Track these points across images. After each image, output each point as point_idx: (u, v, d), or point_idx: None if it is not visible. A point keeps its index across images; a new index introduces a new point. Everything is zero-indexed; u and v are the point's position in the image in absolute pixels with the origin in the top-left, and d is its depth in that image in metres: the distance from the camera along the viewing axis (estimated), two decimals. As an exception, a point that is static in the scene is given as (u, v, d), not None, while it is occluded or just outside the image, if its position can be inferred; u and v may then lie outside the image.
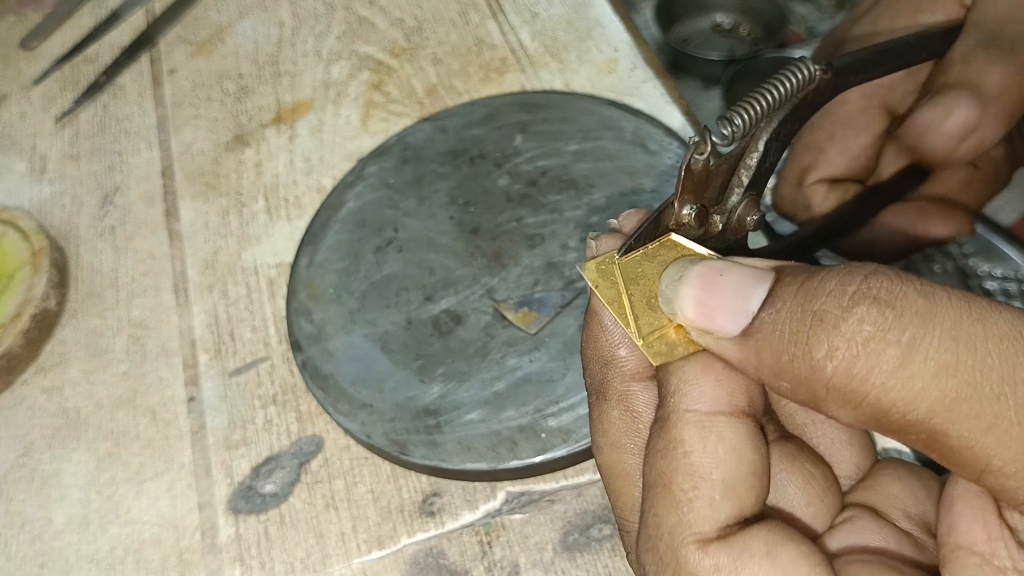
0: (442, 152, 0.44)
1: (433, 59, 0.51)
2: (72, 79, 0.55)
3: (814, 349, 0.17)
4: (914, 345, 0.16)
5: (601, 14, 0.51)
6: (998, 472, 0.16)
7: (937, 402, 0.16)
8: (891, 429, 0.17)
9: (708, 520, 0.19)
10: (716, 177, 0.23)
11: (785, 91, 0.22)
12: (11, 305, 0.42)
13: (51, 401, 0.41)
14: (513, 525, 0.34)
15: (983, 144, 0.30)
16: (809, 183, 0.36)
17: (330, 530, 0.35)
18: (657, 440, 0.20)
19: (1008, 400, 0.16)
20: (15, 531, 0.37)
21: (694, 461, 0.19)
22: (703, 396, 0.19)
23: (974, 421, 0.16)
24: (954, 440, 0.16)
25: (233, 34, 0.55)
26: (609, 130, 0.43)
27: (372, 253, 0.41)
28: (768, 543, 0.18)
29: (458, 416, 0.35)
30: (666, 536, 0.19)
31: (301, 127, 0.49)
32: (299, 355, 0.38)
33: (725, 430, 0.19)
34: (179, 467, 0.38)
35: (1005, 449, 0.16)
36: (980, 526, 0.17)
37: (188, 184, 0.48)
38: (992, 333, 0.16)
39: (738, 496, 0.19)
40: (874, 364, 0.16)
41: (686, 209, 0.22)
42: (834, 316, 0.17)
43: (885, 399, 0.16)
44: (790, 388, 0.18)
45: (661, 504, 0.19)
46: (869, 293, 0.17)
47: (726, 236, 0.24)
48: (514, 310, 0.38)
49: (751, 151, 0.23)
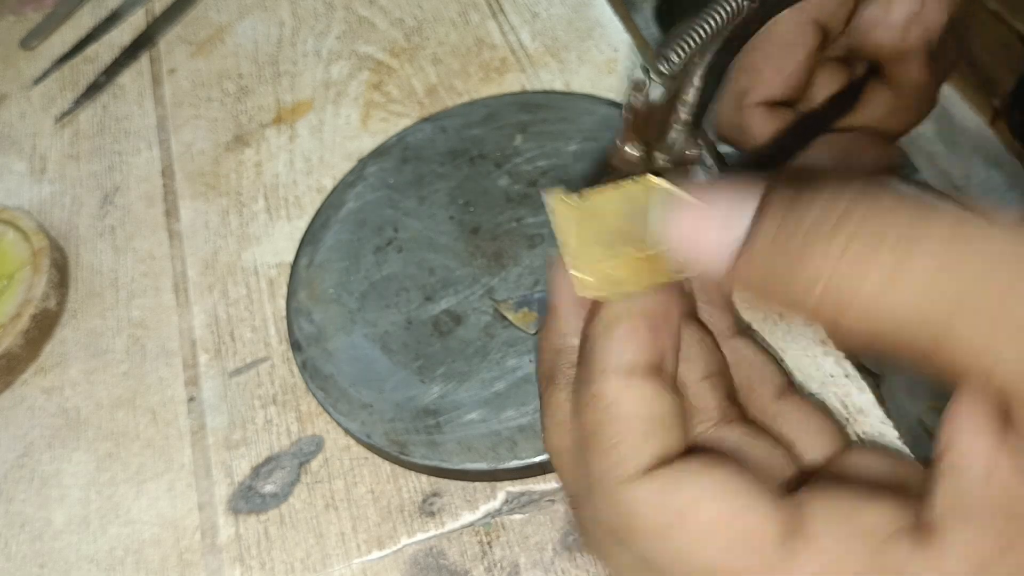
0: (442, 152, 0.44)
1: (433, 59, 0.51)
2: (72, 79, 0.55)
3: (805, 266, 0.17)
4: (911, 248, 0.16)
5: (601, 14, 0.51)
6: (1006, 373, 0.15)
7: (939, 302, 0.15)
8: (891, 338, 0.16)
9: (635, 459, 0.19)
10: (656, 115, 0.23)
11: (717, 24, 0.23)
12: (11, 305, 0.42)
13: (51, 401, 0.41)
14: (513, 525, 0.34)
15: (929, 30, 0.31)
16: (748, 104, 0.36)
17: (330, 530, 0.35)
18: (582, 396, 0.21)
19: (1011, 298, 0.15)
20: (15, 531, 0.37)
21: (617, 410, 0.20)
22: (623, 356, 0.20)
23: (980, 320, 0.15)
24: (956, 342, 0.15)
25: (233, 34, 0.55)
26: (609, 130, 0.43)
27: (372, 253, 0.41)
28: (704, 463, 0.19)
29: (458, 416, 0.35)
30: (600, 482, 0.20)
31: (301, 127, 0.49)
32: (299, 355, 0.38)
33: (643, 382, 0.20)
34: (179, 467, 0.38)
35: (1012, 346, 0.15)
36: (983, 440, 0.17)
37: (188, 184, 0.48)
38: (987, 234, 0.16)
39: (662, 434, 0.20)
40: (868, 272, 0.16)
41: (629, 147, 0.23)
42: (827, 230, 0.16)
43: (885, 304, 0.16)
44: (781, 308, 0.18)
45: (592, 453, 0.20)
46: (862, 202, 0.16)
47: (671, 170, 0.24)
48: (514, 310, 0.38)
49: (687, 87, 0.24)
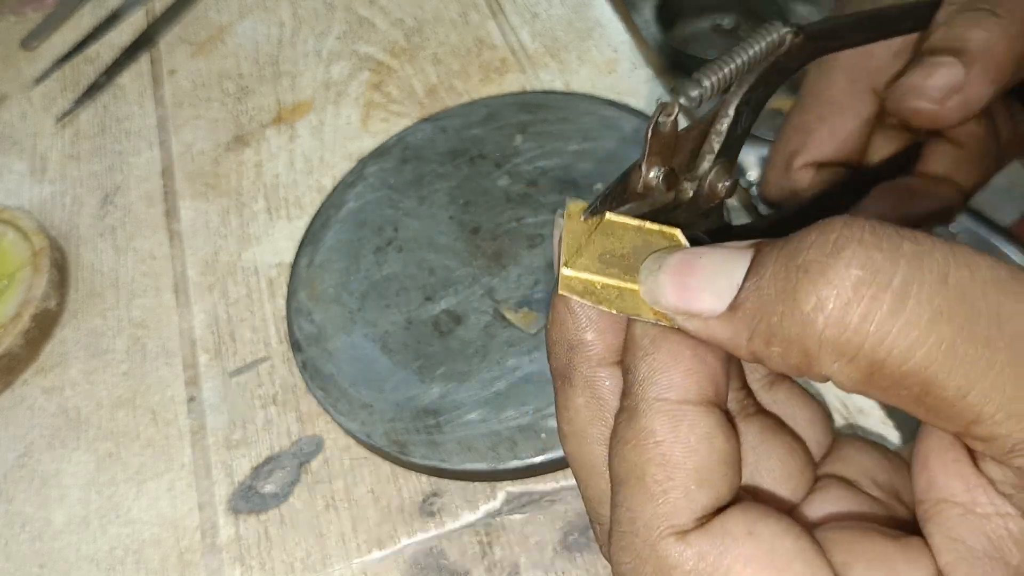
0: (442, 152, 0.44)
1: (433, 59, 0.51)
2: (72, 79, 0.55)
3: (802, 302, 0.16)
4: (907, 288, 0.15)
5: (601, 14, 0.51)
6: (989, 419, 0.16)
7: (934, 348, 0.15)
8: (884, 384, 0.16)
9: (685, 511, 0.18)
10: (687, 143, 0.22)
11: (755, 53, 0.22)
12: (11, 305, 0.42)
13: (51, 401, 0.41)
14: (513, 525, 0.34)
15: (969, 104, 0.30)
16: (797, 166, 0.35)
17: (330, 530, 0.35)
18: (626, 430, 0.19)
19: (997, 343, 0.15)
20: (15, 531, 0.37)
21: (666, 451, 0.18)
22: (673, 385, 0.19)
23: (969, 367, 0.15)
24: (950, 389, 0.15)
25: (233, 34, 0.55)
26: (609, 130, 0.43)
27: (372, 253, 0.41)
28: (747, 523, 0.18)
29: (458, 416, 0.35)
30: (642, 531, 0.18)
31: (301, 127, 0.49)
32: (299, 355, 0.39)
33: (696, 419, 0.18)
34: (179, 467, 0.38)
35: (998, 393, 0.15)
36: (957, 478, 0.17)
37: (188, 184, 0.48)
38: (978, 277, 0.16)
39: (713, 485, 0.18)
40: (867, 310, 0.15)
41: (653, 172, 0.22)
42: (819, 264, 0.16)
43: (881, 348, 0.16)
44: (782, 353, 0.17)
45: (635, 498, 0.18)
46: (853, 237, 0.16)
47: (698, 204, 0.24)
48: (514, 310, 0.38)
49: (722, 116, 0.23)
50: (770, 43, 0.22)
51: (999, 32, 0.30)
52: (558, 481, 0.35)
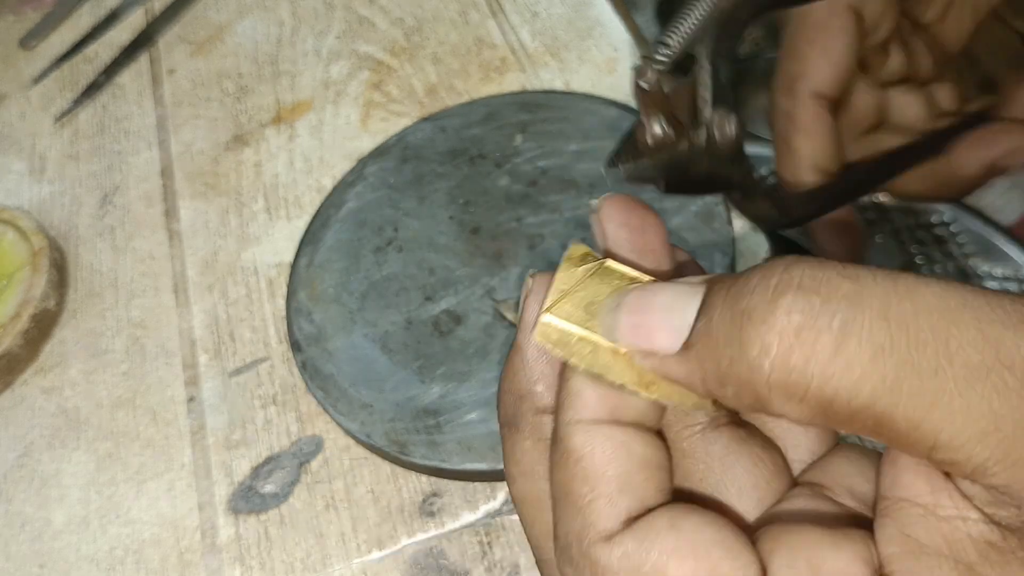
0: (442, 152, 0.44)
1: (433, 59, 0.51)
2: (71, 79, 0.55)
3: (748, 348, 0.17)
4: (846, 329, 0.16)
5: (601, 14, 0.51)
6: (946, 447, 0.16)
7: (878, 385, 0.16)
8: (839, 419, 0.17)
9: (610, 517, 0.19)
10: (683, 100, 0.24)
11: (706, 7, 0.24)
12: (11, 305, 0.42)
13: (51, 401, 0.41)
14: (513, 525, 0.34)
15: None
16: (800, 91, 0.35)
17: (330, 530, 0.35)
18: (553, 455, 0.20)
19: (946, 372, 0.16)
20: (15, 531, 0.37)
21: (587, 465, 0.19)
22: (586, 406, 0.20)
23: (917, 399, 0.16)
24: (900, 422, 0.16)
25: (233, 34, 0.55)
26: (609, 130, 0.43)
27: (372, 253, 0.41)
28: (670, 518, 0.19)
29: (458, 416, 0.35)
30: (575, 542, 0.19)
31: (301, 127, 0.49)
32: (299, 355, 0.38)
33: (611, 432, 0.19)
34: (179, 467, 0.38)
35: (949, 423, 0.16)
36: (924, 480, 0.18)
37: (188, 184, 0.48)
38: (922, 307, 0.16)
39: (635, 489, 0.19)
40: (809, 353, 0.16)
41: (656, 125, 0.23)
42: (761, 311, 0.16)
43: (827, 388, 0.16)
44: (735, 393, 0.18)
45: (566, 513, 0.20)
46: (792, 282, 0.16)
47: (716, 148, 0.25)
48: (514, 310, 0.38)
49: (700, 68, 0.24)
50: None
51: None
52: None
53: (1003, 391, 0.15)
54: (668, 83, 0.23)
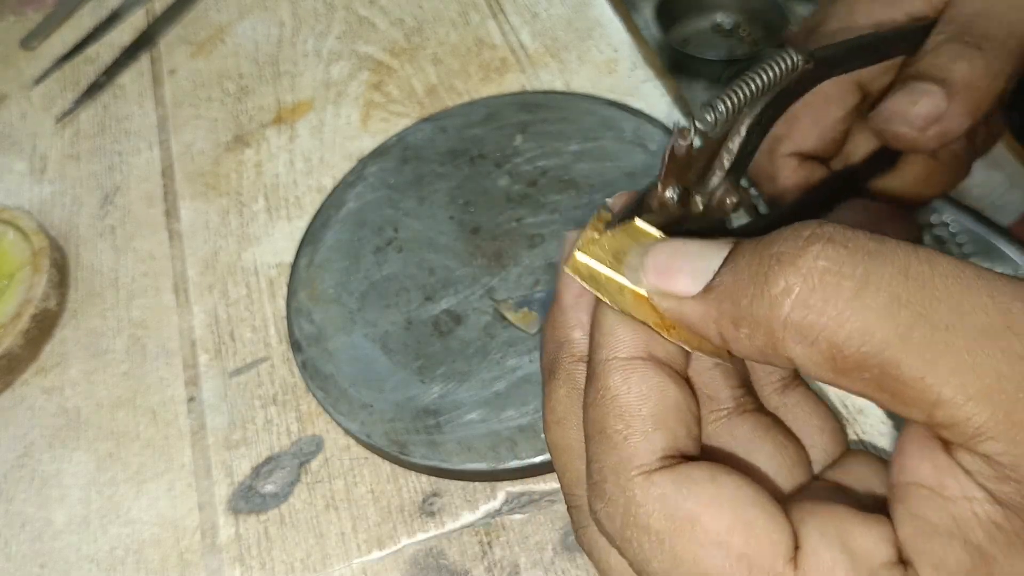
0: (442, 152, 0.44)
1: (433, 59, 0.51)
2: (72, 79, 0.55)
3: (772, 285, 0.18)
4: (867, 278, 0.17)
5: (601, 14, 0.51)
6: (949, 403, 0.16)
7: (891, 331, 0.17)
8: (846, 367, 0.17)
9: (646, 452, 0.19)
10: (698, 160, 0.24)
11: (769, 79, 0.23)
12: (11, 305, 0.42)
13: (51, 401, 0.41)
14: (513, 525, 0.34)
15: (947, 133, 0.31)
16: (781, 154, 0.37)
17: (330, 530, 0.35)
18: (587, 394, 0.21)
19: (956, 329, 0.16)
20: (15, 531, 0.37)
21: (622, 402, 0.20)
22: (621, 342, 0.20)
23: (925, 349, 0.16)
24: (907, 371, 0.17)
25: (233, 34, 0.55)
26: (609, 130, 0.43)
27: (372, 253, 0.41)
28: (711, 471, 0.19)
29: (458, 416, 0.35)
30: (611, 477, 0.20)
31: (301, 127, 0.49)
32: (299, 355, 0.39)
33: (646, 371, 0.20)
34: (179, 467, 0.38)
35: (955, 376, 0.16)
36: (928, 463, 0.18)
37: (188, 184, 0.48)
38: (939, 271, 0.17)
39: (669, 428, 0.20)
40: (830, 295, 0.17)
41: (669, 191, 0.23)
42: (791, 254, 0.18)
43: (841, 332, 0.17)
44: (748, 334, 0.18)
45: (601, 450, 0.20)
46: (823, 235, 0.18)
47: (707, 217, 0.25)
48: (514, 310, 0.38)
49: (733, 136, 0.24)
50: (784, 69, 0.23)
51: (982, 67, 0.31)
52: (558, 481, 0.35)
53: (1009, 354, 0.16)
54: (697, 144, 0.23)
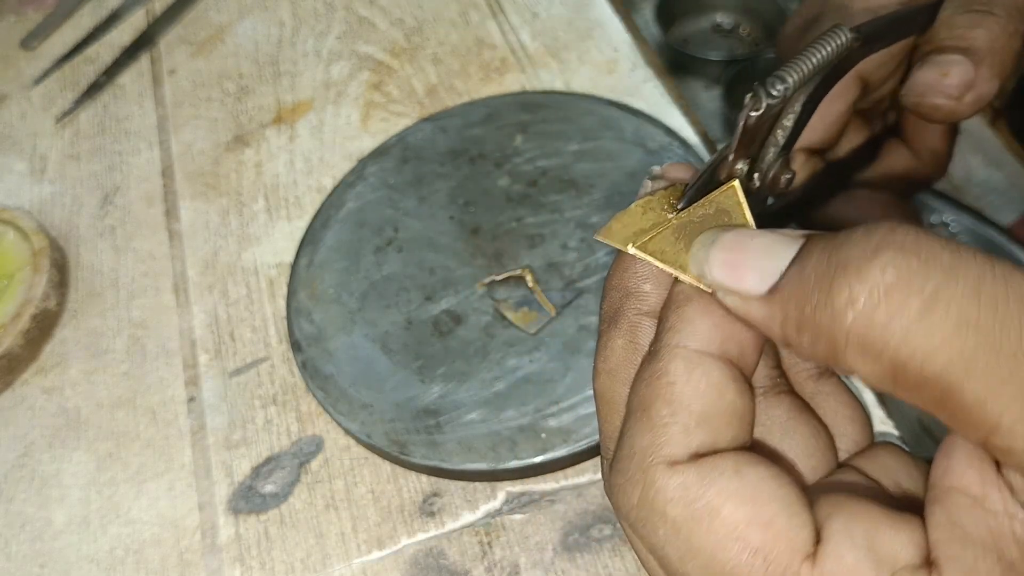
0: (442, 152, 0.44)
1: (433, 59, 0.51)
2: (72, 79, 0.55)
3: (836, 295, 0.17)
4: (937, 296, 0.16)
5: (601, 14, 0.51)
6: (1007, 431, 0.16)
7: (956, 355, 0.16)
8: (906, 385, 0.17)
9: (680, 444, 0.19)
10: (760, 133, 0.23)
11: (825, 56, 0.23)
12: (11, 305, 0.42)
13: (51, 401, 0.41)
14: (513, 525, 0.34)
15: (981, 98, 0.32)
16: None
17: (330, 530, 0.35)
18: (645, 369, 0.20)
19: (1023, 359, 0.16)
20: (15, 531, 0.37)
21: (676, 391, 0.19)
22: (696, 334, 0.20)
23: (990, 377, 0.16)
24: (968, 395, 0.16)
25: (233, 34, 0.55)
26: (609, 130, 0.43)
27: (372, 253, 0.41)
28: (736, 463, 0.19)
29: (458, 416, 0.35)
30: (637, 455, 0.19)
31: (301, 127, 0.49)
32: (299, 355, 0.39)
33: (711, 368, 0.20)
34: (179, 467, 0.38)
35: (1017, 405, 0.16)
36: (976, 472, 0.18)
37: (188, 184, 0.48)
38: (1014, 293, 0.16)
39: (713, 428, 0.19)
40: (895, 312, 0.16)
41: (739, 164, 0.23)
42: (857, 263, 0.17)
43: (904, 349, 0.16)
44: (811, 341, 0.18)
45: (638, 427, 0.20)
46: (894, 242, 0.17)
47: (761, 194, 0.25)
48: (514, 310, 0.38)
49: (788, 112, 0.24)
50: (838, 46, 0.23)
51: (999, 30, 0.32)
52: (558, 481, 0.35)
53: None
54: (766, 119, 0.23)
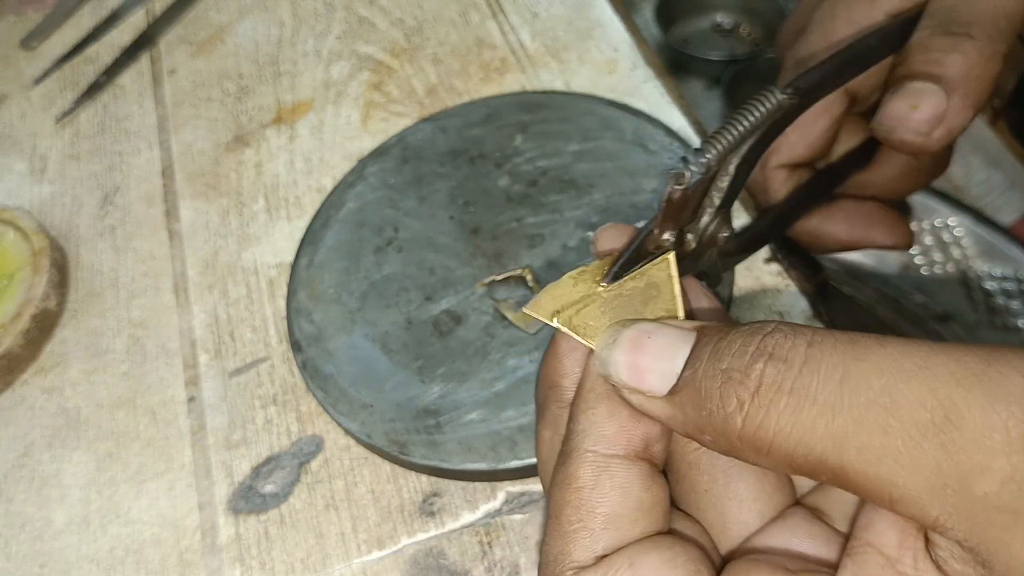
0: (442, 152, 0.44)
1: (433, 59, 0.51)
2: (72, 79, 0.55)
3: (726, 404, 0.18)
4: (802, 391, 0.17)
5: (601, 14, 0.51)
6: (900, 501, 0.17)
7: (827, 441, 0.17)
8: (803, 471, 0.18)
9: (586, 549, 0.20)
10: (692, 200, 0.24)
11: (755, 120, 0.23)
12: (11, 305, 0.42)
13: (51, 401, 0.41)
14: (513, 525, 0.34)
15: (953, 131, 0.30)
16: (771, 167, 0.37)
17: (330, 530, 0.35)
18: (557, 473, 0.21)
19: (894, 430, 0.16)
20: (15, 531, 0.37)
21: (584, 496, 0.21)
22: (604, 438, 0.21)
23: (865, 454, 0.17)
24: (852, 475, 0.17)
25: (233, 34, 0.55)
26: (609, 130, 0.43)
27: (372, 253, 0.41)
28: (631, 556, 0.20)
29: (458, 416, 0.35)
30: (550, 564, 0.21)
31: (301, 127, 0.49)
32: (299, 355, 0.38)
33: (618, 471, 0.21)
34: (179, 467, 0.38)
35: (899, 478, 0.16)
36: (896, 531, 0.18)
37: (188, 184, 0.48)
38: (873, 369, 0.17)
39: (618, 529, 0.20)
40: (772, 413, 0.18)
41: (666, 235, 0.23)
42: (739, 373, 0.18)
43: (786, 444, 0.18)
44: (712, 441, 0.19)
45: (551, 533, 0.21)
46: (766, 351, 0.18)
47: (699, 251, 0.25)
48: (514, 310, 0.38)
49: (722, 175, 0.24)
50: (769, 108, 0.24)
51: (975, 55, 0.30)
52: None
53: (950, 448, 0.16)
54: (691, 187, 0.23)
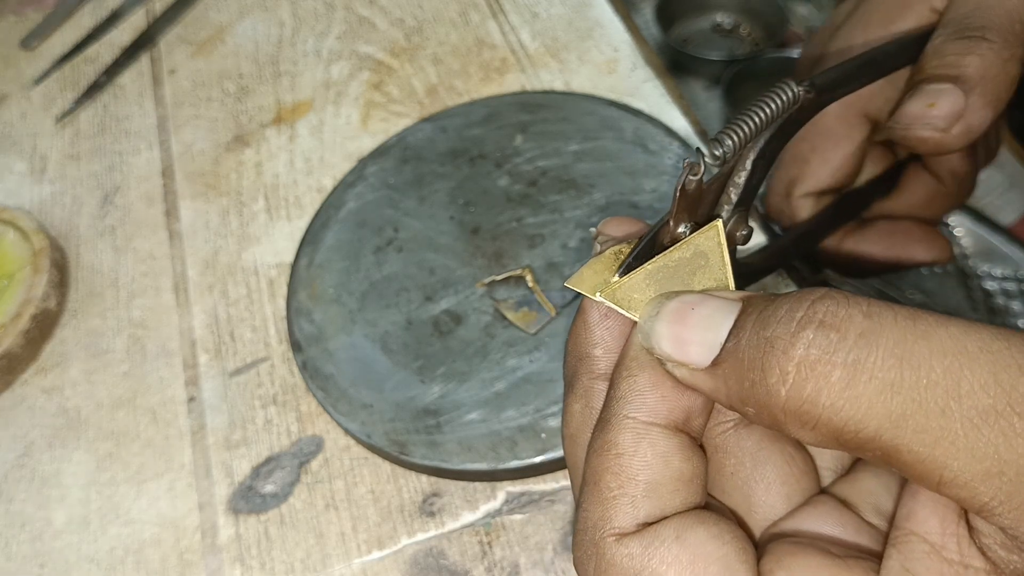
0: (442, 152, 0.44)
1: (433, 59, 0.51)
2: (72, 79, 0.55)
3: (768, 375, 0.18)
4: (858, 365, 0.17)
5: (601, 14, 0.51)
6: (951, 483, 0.16)
7: (884, 419, 0.16)
8: (850, 447, 0.17)
9: (628, 516, 0.20)
10: (708, 195, 0.24)
11: (771, 112, 0.23)
12: (11, 305, 0.42)
13: (51, 401, 0.41)
14: (513, 525, 0.34)
15: (972, 129, 0.31)
16: (796, 196, 0.37)
17: (330, 530, 0.35)
18: (595, 439, 0.21)
19: (953, 413, 0.16)
20: (15, 531, 0.37)
21: (624, 463, 0.20)
22: (644, 406, 0.21)
23: (922, 435, 0.16)
24: (906, 455, 0.17)
25: (233, 34, 0.55)
26: (609, 130, 0.43)
27: (372, 253, 0.41)
28: (678, 528, 0.19)
29: (458, 416, 0.35)
30: (590, 530, 0.20)
31: (301, 127, 0.49)
32: (299, 355, 0.38)
33: (658, 439, 0.20)
34: (179, 467, 0.38)
35: (954, 460, 0.16)
36: (938, 518, 0.18)
37: (188, 184, 0.48)
38: (936, 349, 0.16)
39: (659, 497, 0.20)
40: (822, 386, 0.17)
41: (681, 227, 0.23)
42: (783, 342, 0.18)
43: (836, 419, 0.17)
44: (755, 413, 0.19)
45: (590, 500, 0.21)
46: (815, 318, 0.17)
47: None
48: (514, 310, 0.38)
49: (739, 170, 0.24)
50: (785, 101, 0.23)
51: (992, 57, 0.30)
52: (558, 481, 0.35)
53: (1010, 435, 0.16)
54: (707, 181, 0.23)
